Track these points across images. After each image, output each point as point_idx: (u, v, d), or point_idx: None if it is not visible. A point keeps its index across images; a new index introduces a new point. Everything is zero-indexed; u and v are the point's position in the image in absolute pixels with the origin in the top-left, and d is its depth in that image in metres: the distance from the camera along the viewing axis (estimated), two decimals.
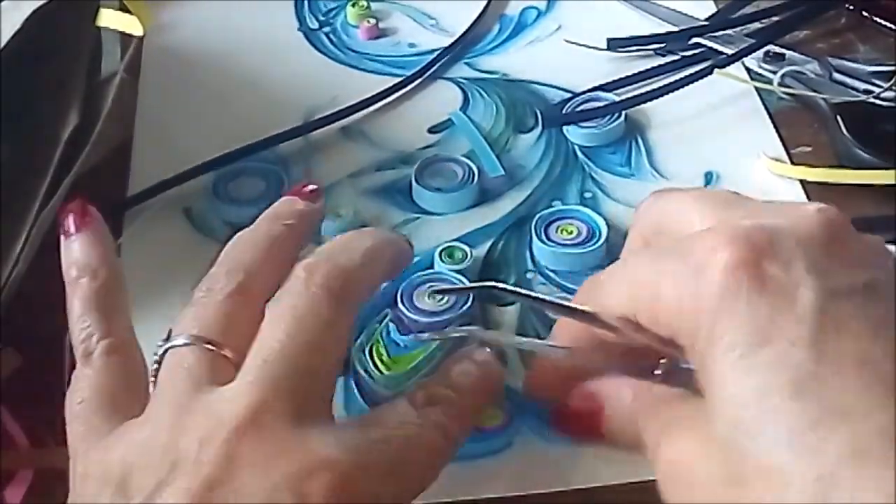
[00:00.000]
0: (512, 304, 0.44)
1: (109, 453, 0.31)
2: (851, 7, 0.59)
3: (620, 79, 0.54)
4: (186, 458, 0.30)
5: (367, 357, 0.42)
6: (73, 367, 0.35)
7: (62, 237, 0.37)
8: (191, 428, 0.30)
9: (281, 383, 0.31)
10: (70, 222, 0.37)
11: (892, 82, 0.51)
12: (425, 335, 0.42)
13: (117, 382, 0.34)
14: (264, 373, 0.31)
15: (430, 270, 0.45)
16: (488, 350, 0.36)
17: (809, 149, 0.51)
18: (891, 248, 0.31)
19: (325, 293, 0.33)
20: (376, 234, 0.38)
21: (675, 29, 0.58)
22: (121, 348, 0.35)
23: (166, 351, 0.33)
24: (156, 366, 0.34)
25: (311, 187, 0.39)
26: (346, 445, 0.31)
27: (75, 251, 0.36)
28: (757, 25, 0.57)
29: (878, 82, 0.52)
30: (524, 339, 0.37)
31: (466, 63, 0.57)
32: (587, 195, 0.49)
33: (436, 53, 0.57)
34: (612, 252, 0.46)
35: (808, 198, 0.49)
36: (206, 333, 0.33)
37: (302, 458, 0.30)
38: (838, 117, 0.51)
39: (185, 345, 0.33)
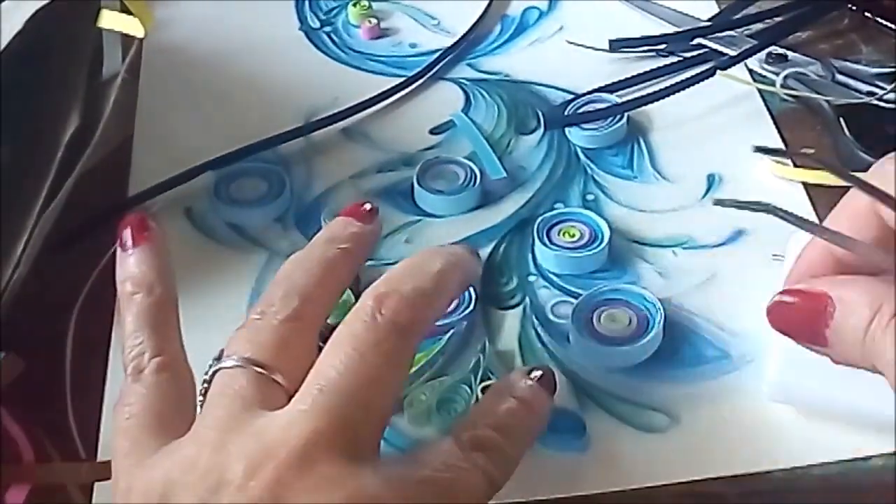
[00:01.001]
0: (514, 307, 0.44)
1: (153, 470, 0.31)
2: (854, 8, 0.59)
3: (622, 80, 0.54)
4: (231, 482, 0.29)
5: None
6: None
7: (119, 250, 0.36)
8: (237, 451, 0.30)
9: (335, 414, 0.31)
10: (127, 235, 0.36)
11: (894, 84, 0.51)
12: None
13: (166, 401, 0.33)
14: (319, 402, 0.31)
15: None
16: (530, 383, 0.35)
17: (812, 151, 0.51)
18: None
19: (391, 327, 0.33)
20: (446, 257, 0.37)
21: (678, 30, 0.57)
22: (171, 366, 0.34)
23: (216, 371, 0.33)
24: (205, 385, 0.33)
25: (367, 206, 0.39)
26: (392, 483, 0.30)
27: (131, 265, 0.36)
28: (759, 26, 0.57)
29: (881, 84, 0.52)
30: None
31: (468, 64, 0.57)
32: (589, 197, 0.49)
33: (437, 54, 0.57)
34: (614, 255, 0.46)
35: (811, 200, 0.48)
36: (258, 357, 0.33)
37: (349, 494, 0.30)
38: (841, 119, 0.50)
39: (237, 367, 0.33)
